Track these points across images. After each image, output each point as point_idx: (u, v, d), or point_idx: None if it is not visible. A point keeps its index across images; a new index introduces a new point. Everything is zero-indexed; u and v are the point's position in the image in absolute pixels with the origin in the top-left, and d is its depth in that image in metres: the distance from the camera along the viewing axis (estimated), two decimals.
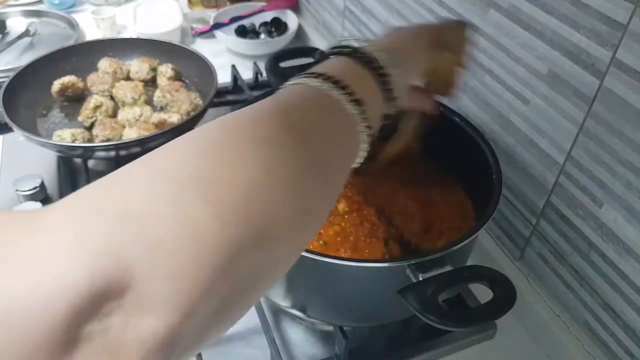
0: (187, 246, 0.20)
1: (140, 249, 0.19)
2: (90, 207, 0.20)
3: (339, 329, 0.52)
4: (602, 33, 0.47)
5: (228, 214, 0.21)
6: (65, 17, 1.14)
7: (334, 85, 0.30)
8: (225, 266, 0.21)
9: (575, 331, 0.57)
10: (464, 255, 0.51)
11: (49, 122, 0.82)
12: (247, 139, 0.24)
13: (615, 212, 0.50)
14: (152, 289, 0.18)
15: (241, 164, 0.23)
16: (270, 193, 0.23)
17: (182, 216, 0.20)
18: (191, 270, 0.19)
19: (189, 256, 0.20)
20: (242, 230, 0.21)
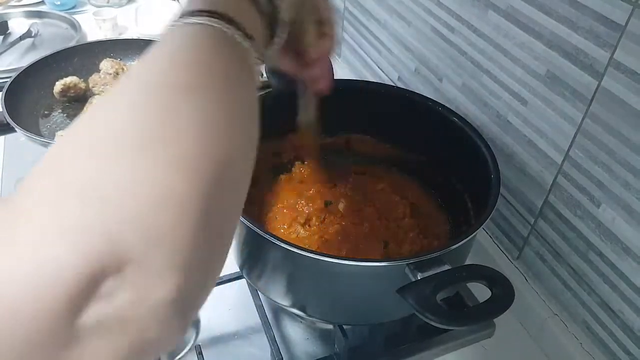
0: (164, 209, 0.20)
1: (124, 222, 0.19)
2: (63, 190, 0.19)
3: (338, 328, 0.52)
4: (600, 34, 0.47)
5: (188, 166, 0.22)
6: (67, 18, 1.15)
7: (225, 23, 0.30)
8: (203, 214, 0.21)
9: (573, 330, 0.57)
10: (462, 254, 0.52)
11: (50, 122, 0.82)
12: (173, 90, 0.24)
13: (613, 211, 0.50)
14: (149, 258, 0.19)
15: (179, 116, 0.23)
16: (215, 135, 0.24)
17: (150, 182, 0.20)
18: (176, 229, 0.20)
19: (170, 217, 0.20)
20: (206, 176, 0.22)
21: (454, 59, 0.69)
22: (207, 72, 0.26)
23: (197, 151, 0.22)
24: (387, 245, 0.59)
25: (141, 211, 0.20)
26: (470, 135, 0.56)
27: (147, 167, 0.21)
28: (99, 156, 0.21)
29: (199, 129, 0.23)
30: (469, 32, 0.65)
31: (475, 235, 0.47)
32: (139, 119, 0.22)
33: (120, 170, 0.20)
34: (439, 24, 0.70)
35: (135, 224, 0.19)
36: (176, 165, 0.21)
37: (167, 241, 0.20)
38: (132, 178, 0.20)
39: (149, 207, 0.20)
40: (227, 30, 0.30)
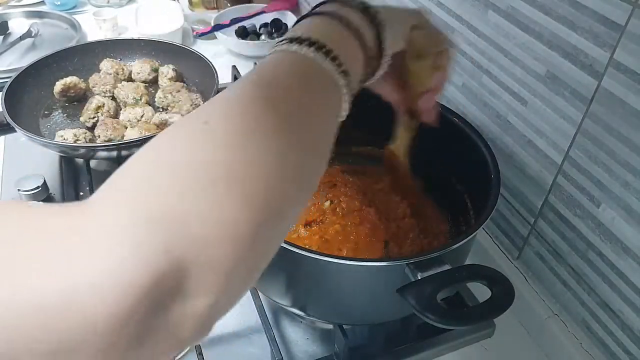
0: (225, 241, 0.23)
1: (188, 246, 0.21)
2: (136, 211, 0.21)
3: (338, 328, 0.52)
4: (600, 34, 0.47)
5: (254, 203, 0.24)
6: (67, 18, 1.15)
7: (320, 52, 0.31)
8: (251, 245, 0.24)
9: (573, 330, 0.57)
10: (462, 254, 0.52)
11: (51, 122, 0.82)
12: (252, 128, 0.25)
13: (613, 211, 0.50)
14: (201, 278, 0.22)
15: (254, 158, 0.25)
16: (280, 177, 0.26)
17: (218, 212, 0.23)
18: (229, 259, 0.23)
19: (228, 248, 0.23)
20: (265, 214, 0.24)
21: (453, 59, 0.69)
22: (292, 113, 0.27)
23: (263, 193, 0.24)
24: (387, 245, 0.59)
25: (206, 241, 0.22)
26: (470, 135, 0.56)
27: (218, 198, 0.23)
28: (177, 182, 0.23)
29: (271, 172, 0.25)
30: (468, 32, 0.65)
31: (475, 235, 0.47)
32: (219, 155, 0.24)
33: (195, 200, 0.22)
34: (439, 24, 0.70)
35: (199, 249, 0.22)
36: (242, 203, 0.23)
37: (221, 267, 0.23)
38: (204, 209, 0.22)
39: (213, 237, 0.22)
40: (325, 64, 0.30)
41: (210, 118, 0.26)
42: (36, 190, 0.72)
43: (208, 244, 0.22)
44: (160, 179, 0.23)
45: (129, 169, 0.24)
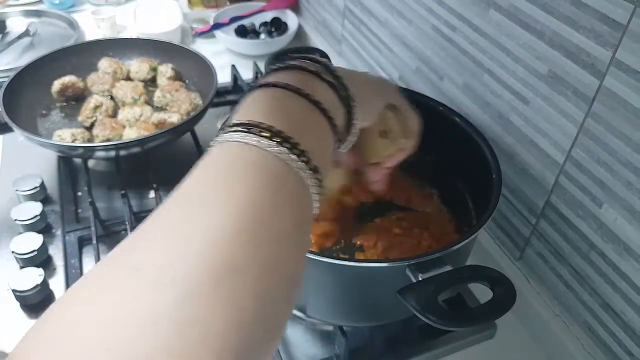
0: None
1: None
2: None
3: (338, 329, 0.52)
4: (602, 33, 0.47)
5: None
6: (65, 17, 1.14)
7: (285, 146, 0.25)
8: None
9: (575, 331, 0.57)
10: (463, 255, 0.51)
11: (49, 122, 0.82)
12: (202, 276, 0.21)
13: (615, 212, 0.50)
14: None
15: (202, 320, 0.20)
16: (242, 337, 0.21)
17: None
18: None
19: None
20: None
21: (455, 58, 0.68)
22: (251, 243, 0.23)
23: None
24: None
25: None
26: (471, 135, 0.56)
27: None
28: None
29: (220, 334, 0.20)
30: (470, 31, 0.64)
31: (477, 235, 0.46)
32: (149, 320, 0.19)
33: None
34: (440, 22, 0.70)
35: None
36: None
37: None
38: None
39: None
40: (294, 164, 0.25)
41: (144, 261, 0.21)
42: (34, 190, 0.71)
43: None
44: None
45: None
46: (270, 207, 0.24)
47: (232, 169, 0.24)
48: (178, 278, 0.20)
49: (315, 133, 0.29)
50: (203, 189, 0.24)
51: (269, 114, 0.27)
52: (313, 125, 0.29)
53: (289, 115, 0.28)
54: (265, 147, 0.25)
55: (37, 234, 0.65)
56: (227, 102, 0.92)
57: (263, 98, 0.29)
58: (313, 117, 0.29)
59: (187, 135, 0.79)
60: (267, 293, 0.23)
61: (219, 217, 0.22)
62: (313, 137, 0.28)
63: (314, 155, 0.27)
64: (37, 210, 0.68)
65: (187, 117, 0.77)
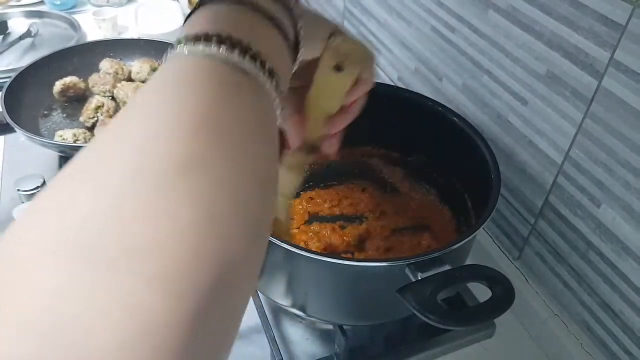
0: (139, 347, 0.15)
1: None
2: (8, 318, 0.15)
3: (338, 328, 0.52)
4: (601, 34, 0.47)
5: (177, 284, 0.17)
6: (66, 18, 1.14)
7: (235, 51, 0.24)
8: (188, 344, 0.17)
9: (573, 330, 0.57)
10: (462, 254, 0.52)
11: (50, 122, 0.82)
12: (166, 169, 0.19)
13: (613, 212, 0.50)
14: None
15: (171, 214, 0.18)
16: (220, 230, 0.19)
17: (120, 311, 0.15)
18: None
19: (145, 357, 0.16)
20: (197, 293, 0.17)
21: (454, 58, 0.69)
22: (212, 136, 0.21)
23: (194, 264, 0.18)
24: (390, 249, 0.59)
25: (107, 349, 0.15)
26: (470, 135, 0.56)
27: (121, 287, 0.16)
28: (53, 265, 0.16)
29: (193, 227, 0.18)
30: (469, 32, 0.65)
31: (476, 235, 0.47)
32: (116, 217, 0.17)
33: (85, 290, 0.16)
34: (439, 23, 0.70)
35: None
36: (163, 284, 0.17)
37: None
38: (96, 304, 0.15)
39: (119, 346, 0.15)
40: (247, 66, 0.24)
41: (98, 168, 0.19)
42: (35, 190, 0.72)
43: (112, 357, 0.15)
44: (28, 267, 0.16)
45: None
46: (228, 106, 0.22)
47: (183, 79, 0.23)
48: (142, 172, 0.18)
49: (267, 38, 0.27)
50: (155, 98, 0.22)
51: (216, 23, 0.25)
52: (263, 31, 0.27)
53: (238, 23, 0.26)
54: (215, 54, 0.23)
55: None
56: None
57: (206, 12, 0.27)
58: (263, 25, 0.27)
59: None
60: (240, 188, 0.21)
61: (175, 117, 0.21)
62: (265, 41, 0.26)
63: (270, 59, 0.25)
64: None
65: None
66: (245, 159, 0.22)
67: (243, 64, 0.24)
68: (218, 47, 0.23)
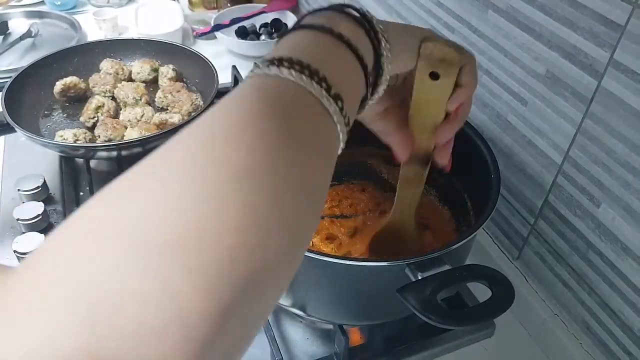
0: (172, 330, 0.17)
1: (120, 342, 0.17)
2: (58, 293, 0.17)
3: (338, 328, 0.52)
4: (600, 34, 0.47)
5: (214, 280, 0.19)
6: (67, 18, 1.15)
7: (304, 73, 0.26)
8: (215, 336, 0.18)
9: (573, 330, 0.57)
10: (462, 254, 0.52)
11: (51, 122, 0.82)
12: (224, 175, 0.21)
13: (613, 211, 0.50)
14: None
15: (217, 216, 0.20)
16: (258, 238, 0.21)
17: (162, 295, 0.17)
18: (178, 356, 0.17)
19: (176, 341, 0.17)
20: (230, 292, 0.19)
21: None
22: (268, 151, 0.22)
23: (231, 262, 0.19)
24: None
25: (142, 335, 0.17)
26: (470, 135, 0.56)
27: (163, 276, 0.18)
28: (102, 252, 0.18)
29: (233, 231, 0.20)
30: (468, 32, 0.65)
31: (476, 235, 0.47)
32: (169, 212, 0.19)
33: (129, 275, 0.18)
34: (439, 23, 0.70)
35: (135, 345, 0.17)
36: (202, 278, 0.18)
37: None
38: (140, 289, 0.17)
39: (156, 326, 0.17)
40: (311, 87, 0.26)
41: (162, 168, 0.21)
42: (36, 190, 0.72)
43: (144, 339, 0.17)
44: (88, 246, 0.18)
45: (59, 233, 0.19)
46: (288, 125, 0.24)
47: (252, 95, 0.25)
48: (197, 177, 0.20)
49: (340, 65, 0.29)
50: (226, 108, 0.24)
51: (291, 49, 0.28)
52: (336, 57, 0.29)
53: (310, 49, 0.28)
54: (286, 75, 0.26)
55: (39, 234, 0.65)
56: None
57: (289, 38, 0.30)
58: (337, 50, 0.29)
59: None
60: (283, 203, 0.22)
61: (237, 129, 0.23)
62: (336, 67, 0.28)
63: (337, 84, 0.27)
64: (39, 210, 0.68)
65: (188, 118, 0.77)
66: (294, 177, 0.23)
67: (310, 86, 0.26)
68: (288, 70, 0.26)
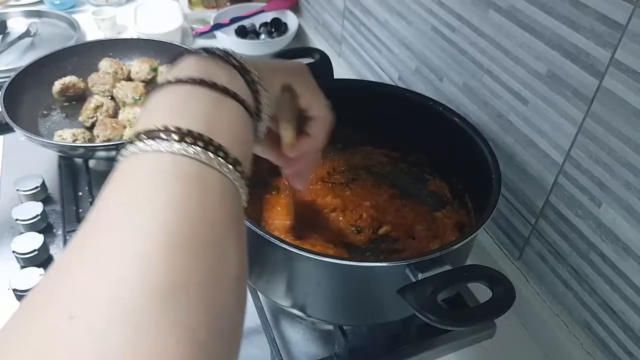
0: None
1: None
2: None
3: (338, 328, 0.52)
4: (601, 33, 0.47)
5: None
6: (66, 18, 1.14)
7: (202, 148, 0.24)
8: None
9: (574, 330, 0.57)
10: (463, 254, 0.52)
11: (50, 122, 0.82)
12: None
13: (614, 212, 0.50)
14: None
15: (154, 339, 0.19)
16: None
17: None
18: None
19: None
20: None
21: (454, 58, 0.68)
22: (187, 260, 0.21)
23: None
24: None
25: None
26: (470, 135, 0.56)
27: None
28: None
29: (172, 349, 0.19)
30: (469, 32, 0.64)
31: (476, 235, 0.46)
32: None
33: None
34: (440, 23, 0.70)
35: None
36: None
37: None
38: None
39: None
40: (213, 162, 0.24)
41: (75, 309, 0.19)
42: (35, 190, 0.72)
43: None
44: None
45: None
46: (198, 213, 0.23)
47: (149, 183, 0.23)
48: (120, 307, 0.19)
49: (228, 122, 0.27)
50: (124, 210, 0.22)
51: (175, 114, 0.26)
52: (224, 114, 0.27)
53: (196, 110, 0.26)
54: (179, 151, 0.24)
55: (38, 234, 0.65)
56: None
57: (166, 97, 0.27)
58: (223, 105, 0.28)
59: None
60: (215, 301, 0.22)
61: (146, 237, 0.21)
62: (226, 127, 0.27)
63: (232, 146, 0.26)
64: (38, 210, 0.68)
65: None
66: (217, 268, 0.22)
67: (208, 160, 0.24)
68: (180, 144, 0.24)
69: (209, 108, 0.27)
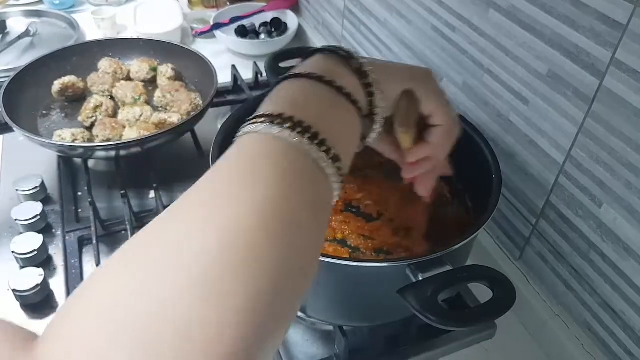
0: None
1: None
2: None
3: (338, 329, 0.52)
4: (602, 33, 0.47)
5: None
6: (65, 17, 1.14)
7: (305, 136, 0.26)
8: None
9: (574, 331, 0.57)
10: (463, 255, 0.51)
11: (49, 122, 0.82)
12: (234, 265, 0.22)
13: (614, 212, 0.50)
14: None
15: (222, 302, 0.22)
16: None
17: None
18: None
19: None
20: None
21: (454, 58, 0.68)
22: (269, 239, 0.23)
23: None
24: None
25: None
26: (471, 134, 0.56)
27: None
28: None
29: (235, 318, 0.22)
30: (469, 31, 0.64)
31: (477, 235, 0.46)
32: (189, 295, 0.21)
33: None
34: (440, 22, 0.70)
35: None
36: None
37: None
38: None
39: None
40: (314, 154, 0.26)
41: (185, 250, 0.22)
42: (34, 190, 0.72)
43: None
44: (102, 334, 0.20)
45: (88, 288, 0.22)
46: (288, 198, 0.25)
47: (252, 161, 0.25)
48: (201, 266, 0.21)
49: (338, 120, 0.29)
50: (222, 185, 0.25)
51: (291, 104, 0.28)
52: (335, 111, 0.29)
53: (311, 104, 0.28)
54: (286, 137, 0.26)
55: (37, 234, 0.65)
56: (228, 102, 0.92)
57: (287, 89, 0.30)
58: (335, 103, 0.30)
59: (187, 136, 0.79)
60: (281, 286, 0.23)
61: (239, 211, 0.23)
62: (335, 124, 0.29)
63: (336, 143, 0.27)
64: (37, 210, 0.68)
65: (187, 117, 0.77)
66: (294, 254, 0.24)
67: (311, 151, 0.26)
68: (290, 132, 0.26)
69: (322, 104, 0.29)
